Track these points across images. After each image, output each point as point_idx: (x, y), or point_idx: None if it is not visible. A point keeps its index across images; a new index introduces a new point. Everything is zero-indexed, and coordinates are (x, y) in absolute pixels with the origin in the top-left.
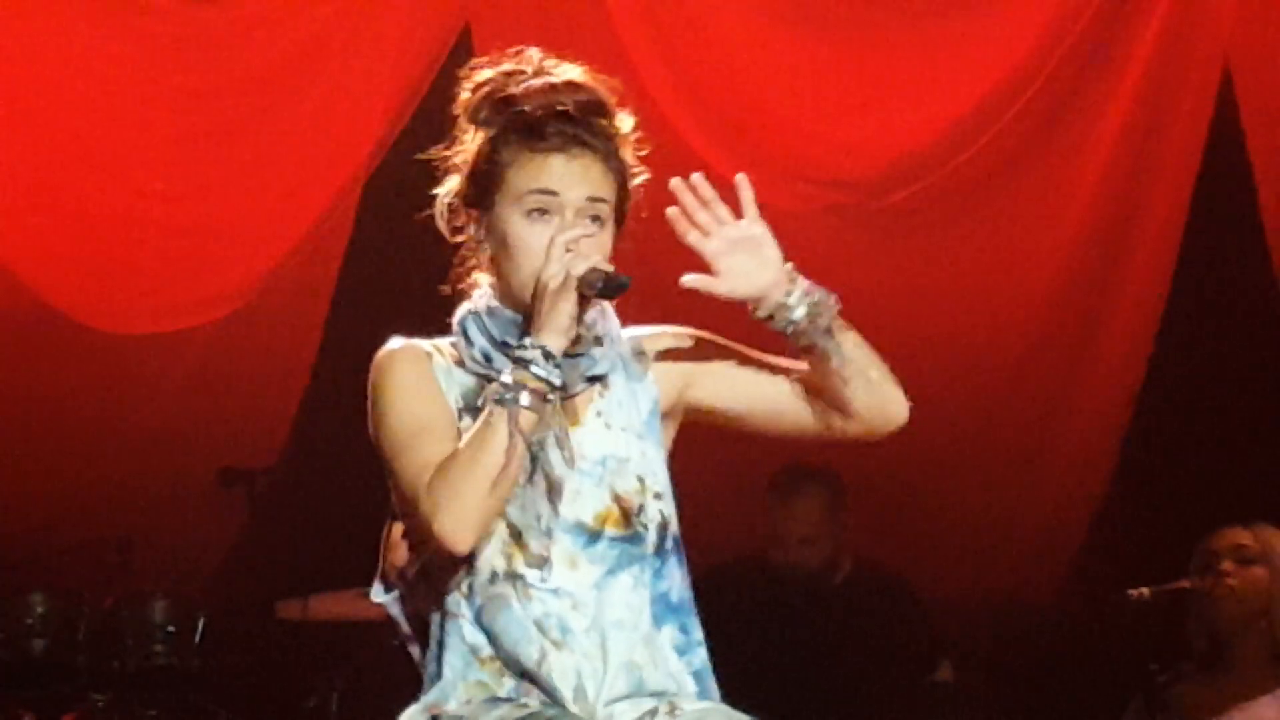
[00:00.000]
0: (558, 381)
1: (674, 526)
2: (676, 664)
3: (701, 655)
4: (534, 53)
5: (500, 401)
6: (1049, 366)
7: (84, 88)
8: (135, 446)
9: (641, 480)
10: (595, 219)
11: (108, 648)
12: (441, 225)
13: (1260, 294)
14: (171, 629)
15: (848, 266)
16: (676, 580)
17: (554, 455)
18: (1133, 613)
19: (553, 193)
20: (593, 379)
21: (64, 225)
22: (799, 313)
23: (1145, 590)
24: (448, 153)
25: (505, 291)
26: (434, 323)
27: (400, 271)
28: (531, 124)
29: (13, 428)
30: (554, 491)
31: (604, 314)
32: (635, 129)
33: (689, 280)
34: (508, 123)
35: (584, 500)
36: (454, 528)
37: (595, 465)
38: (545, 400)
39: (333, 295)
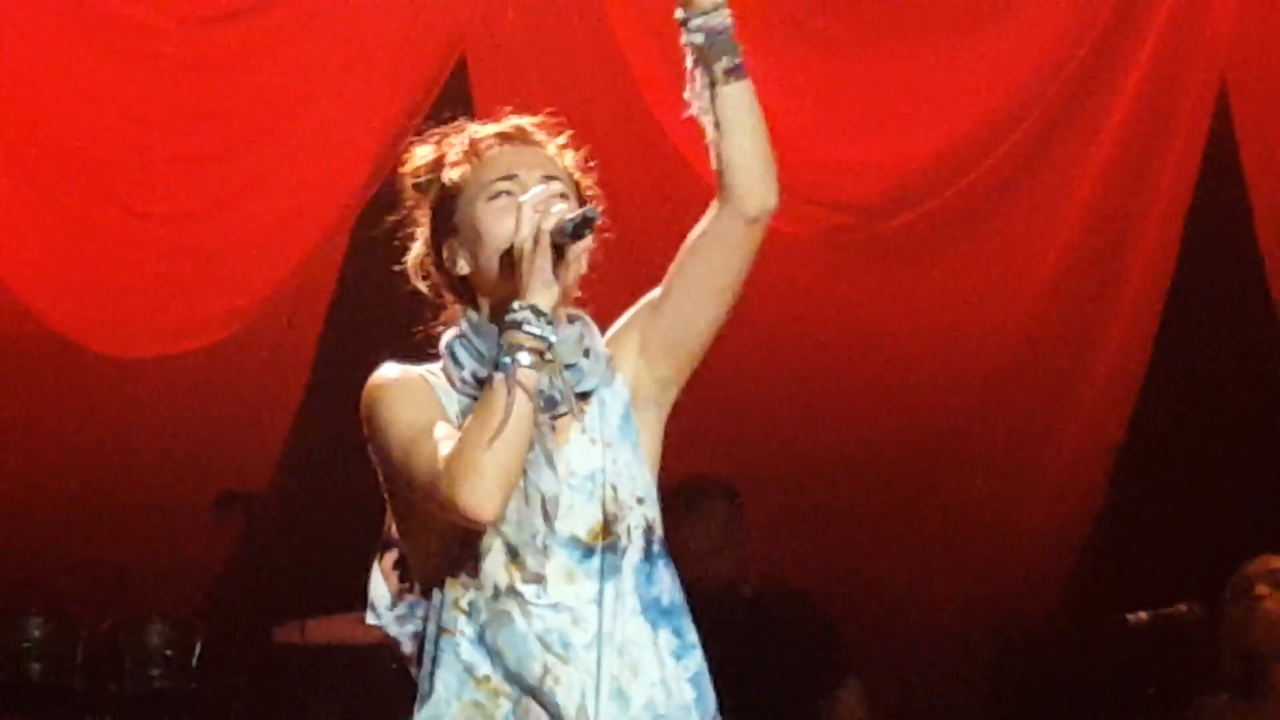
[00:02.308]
0: (553, 337)
1: (659, 530)
2: (673, 669)
3: (697, 658)
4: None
5: (500, 367)
6: (1043, 385)
7: (84, 109)
8: (133, 469)
9: (615, 488)
10: (560, 196)
11: (105, 671)
12: (419, 284)
13: (1255, 310)
14: (169, 652)
15: (846, 287)
16: (666, 584)
17: (545, 473)
18: (1131, 637)
19: (511, 175)
20: (582, 395)
21: (63, 246)
22: (717, 18)
23: (1143, 614)
24: (399, 219)
25: (490, 287)
26: (426, 347)
27: (392, 296)
28: (476, 140)
29: (11, 450)
30: (548, 508)
31: (588, 328)
32: (585, 163)
33: None
34: (456, 157)
35: (577, 515)
36: (477, 498)
37: (585, 480)
38: (543, 357)
39: (326, 317)
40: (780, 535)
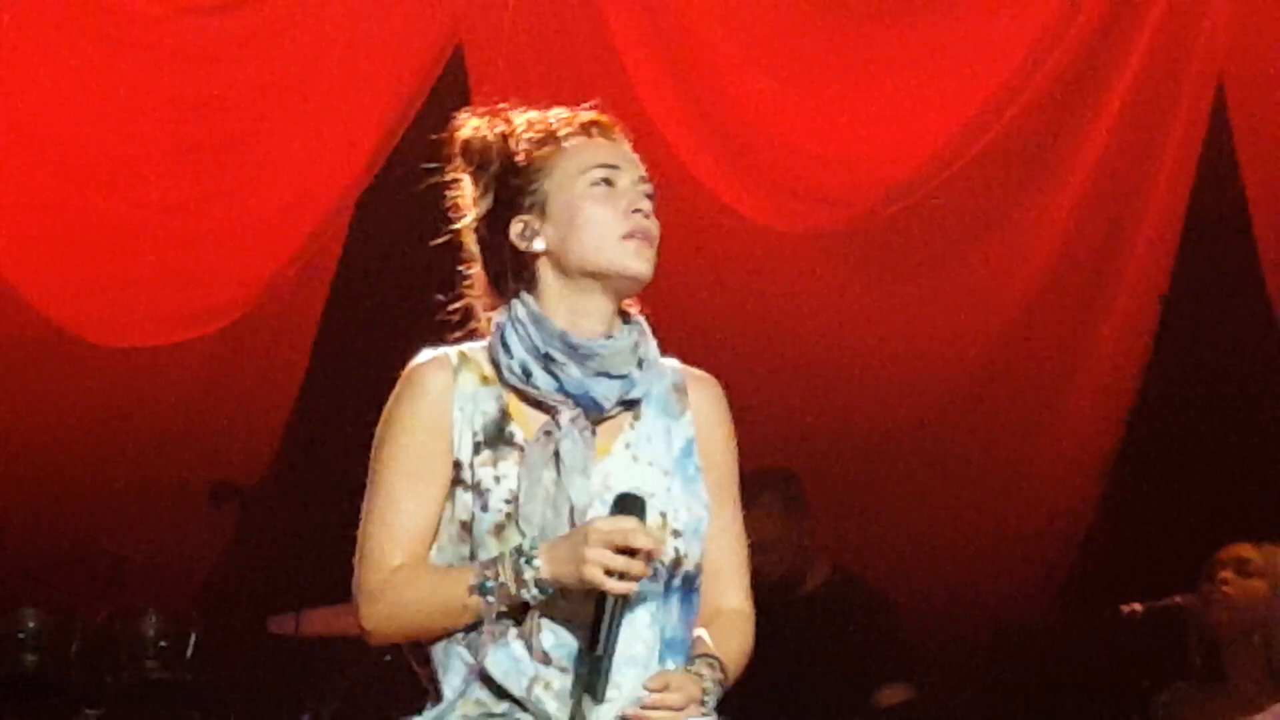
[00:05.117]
0: (533, 602)
1: (687, 565)
2: None
3: None
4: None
5: (483, 590)
6: (1039, 382)
7: (80, 99)
8: (129, 460)
9: (663, 516)
10: (649, 198)
11: (100, 662)
12: (473, 250)
13: (1254, 311)
14: (164, 644)
15: (832, 284)
16: (674, 618)
17: (579, 482)
18: (1126, 629)
19: (614, 166)
20: (628, 404)
21: (59, 236)
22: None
23: (1138, 606)
24: (439, 179)
25: (566, 264)
26: (424, 337)
27: (391, 286)
28: (553, 128)
29: (5, 441)
30: (576, 519)
31: (644, 335)
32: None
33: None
34: (534, 136)
35: None
36: (379, 632)
37: None
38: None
39: (324, 308)
40: None
